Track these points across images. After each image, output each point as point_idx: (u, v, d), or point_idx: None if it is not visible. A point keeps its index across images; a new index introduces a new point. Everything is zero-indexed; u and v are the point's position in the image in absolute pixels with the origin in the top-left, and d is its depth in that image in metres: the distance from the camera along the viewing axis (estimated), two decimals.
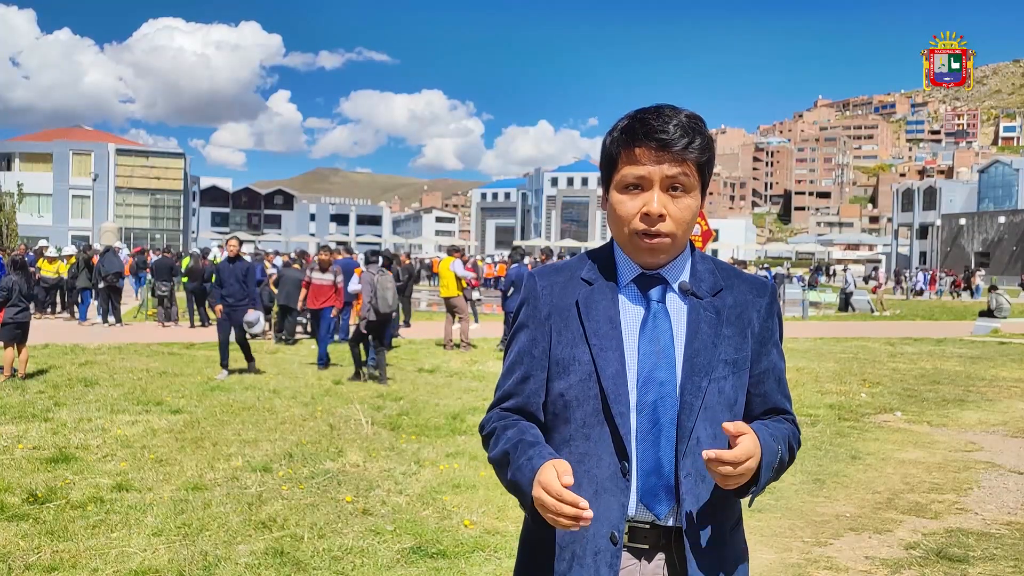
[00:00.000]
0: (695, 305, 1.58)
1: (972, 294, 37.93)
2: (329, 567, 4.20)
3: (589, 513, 1.38)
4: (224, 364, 10.38)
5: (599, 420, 1.54)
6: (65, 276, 18.99)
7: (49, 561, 4.16)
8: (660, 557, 1.55)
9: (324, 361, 11.43)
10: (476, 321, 18.47)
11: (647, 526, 1.54)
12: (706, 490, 1.54)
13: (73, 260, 18.90)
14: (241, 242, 10.68)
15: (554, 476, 1.41)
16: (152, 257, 27.22)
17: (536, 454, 1.50)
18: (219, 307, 10.45)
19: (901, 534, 4.96)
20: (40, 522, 4.74)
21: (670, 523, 1.54)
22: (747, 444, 1.43)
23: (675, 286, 1.59)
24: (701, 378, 1.54)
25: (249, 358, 10.68)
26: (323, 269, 11.89)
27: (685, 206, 1.53)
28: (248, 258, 14.46)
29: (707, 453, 1.42)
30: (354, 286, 11.24)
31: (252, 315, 10.39)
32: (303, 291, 12.21)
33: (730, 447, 1.45)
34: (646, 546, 1.55)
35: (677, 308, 1.58)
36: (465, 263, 16.64)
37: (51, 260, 18.84)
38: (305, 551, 4.39)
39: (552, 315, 1.61)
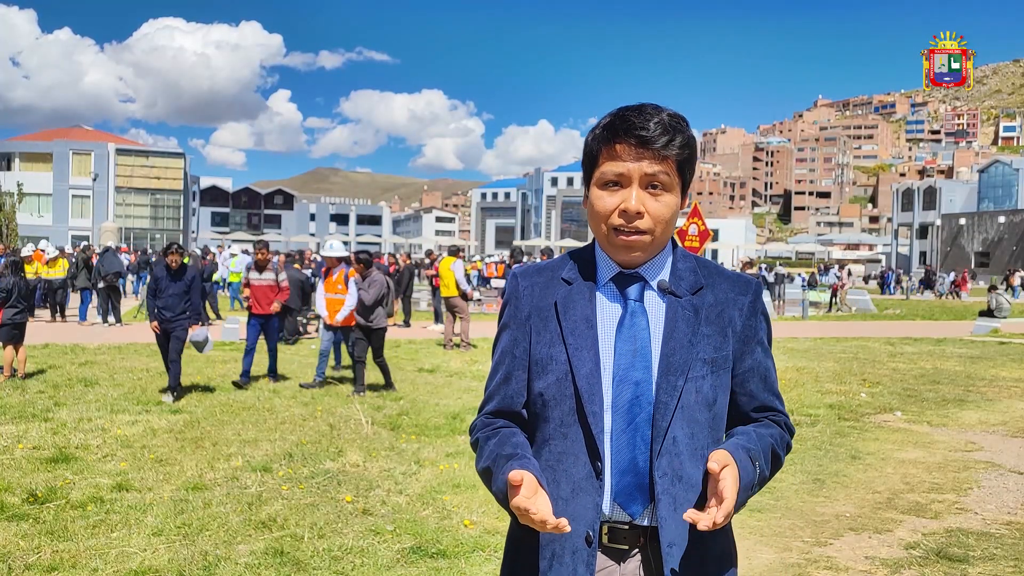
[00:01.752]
0: (673, 303, 1.57)
1: (1014, 293, 38.33)
2: (329, 567, 4.20)
3: (563, 522, 1.40)
4: (172, 387, 8.85)
5: (575, 420, 1.54)
6: (43, 277, 18.74)
7: (49, 561, 4.16)
8: (637, 558, 1.55)
9: (275, 374, 10.17)
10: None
11: (625, 527, 1.54)
12: (683, 490, 1.53)
13: (61, 262, 18.70)
14: (182, 251, 9.21)
15: (522, 499, 1.41)
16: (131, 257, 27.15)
17: (509, 469, 1.49)
18: (154, 324, 8.88)
19: (901, 534, 4.96)
20: (40, 522, 4.74)
21: (646, 523, 1.54)
22: (726, 507, 1.41)
23: (654, 284, 1.59)
24: (677, 377, 1.53)
25: (174, 385, 8.86)
26: (260, 268, 10.08)
27: (664, 204, 1.53)
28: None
29: (689, 516, 1.41)
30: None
31: (199, 333, 9.08)
32: (245, 292, 10.28)
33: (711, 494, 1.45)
34: (625, 547, 1.55)
35: (655, 307, 1.58)
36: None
37: (28, 261, 18.33)
38: (305, 551, 4.39)
39: (532, 315, 1.62)
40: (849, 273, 29.98)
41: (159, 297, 8.90)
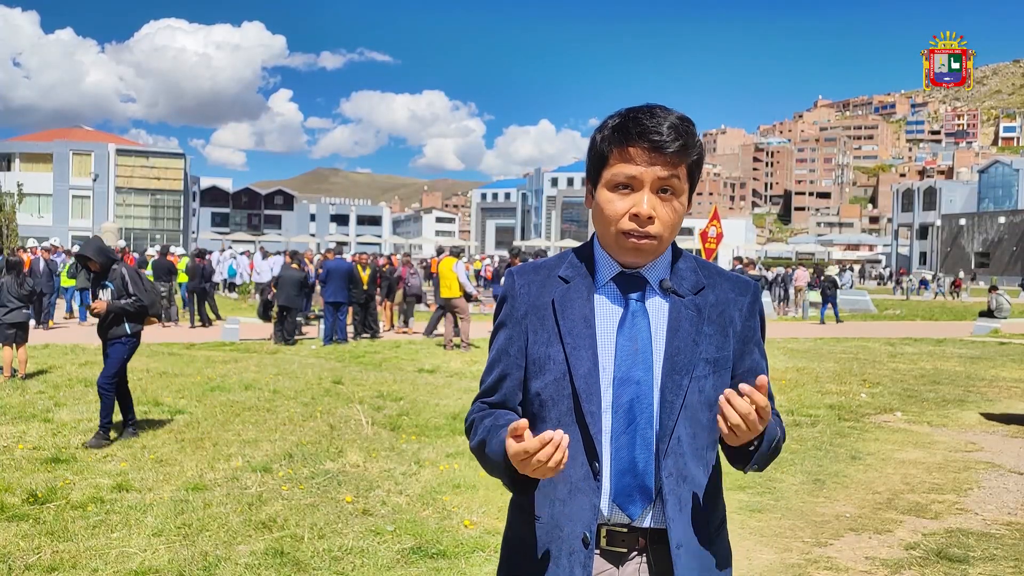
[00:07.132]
0: (676, 303, 1.57)
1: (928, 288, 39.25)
2: (329, 567, 4.20)
3: (559, 432, 1.37)
4: None
5: (572, 420, 1.53)
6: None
7: (49, 561, 4.16)
8: (638, 560, 1.54)
9: None
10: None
11: (624, 529, 1.53)
12: (688, 490, 1.53)
13: None
14: None
15: (515, 443, 1.41)
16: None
17: (506, 432, 1.49)
18: None
19: (901, 534, 4.96)
20: (40, 522, 4.74)
21: (646, 524, 1.53)
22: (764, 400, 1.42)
23: (655, 285, 1.58)
24: (682, 376, 1.52)
25: None
26: None
27: (673, 208, 1.52)
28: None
29: (744, 387, 1.41)
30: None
31: None
32: None
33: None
34: (623, 550, 1.54)
35: (658, 306, 1.57)
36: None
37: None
38: (305, 551, 4.39)
39: (529, 314, 1.61)
40: (818, 275, 29.25)
41: None
